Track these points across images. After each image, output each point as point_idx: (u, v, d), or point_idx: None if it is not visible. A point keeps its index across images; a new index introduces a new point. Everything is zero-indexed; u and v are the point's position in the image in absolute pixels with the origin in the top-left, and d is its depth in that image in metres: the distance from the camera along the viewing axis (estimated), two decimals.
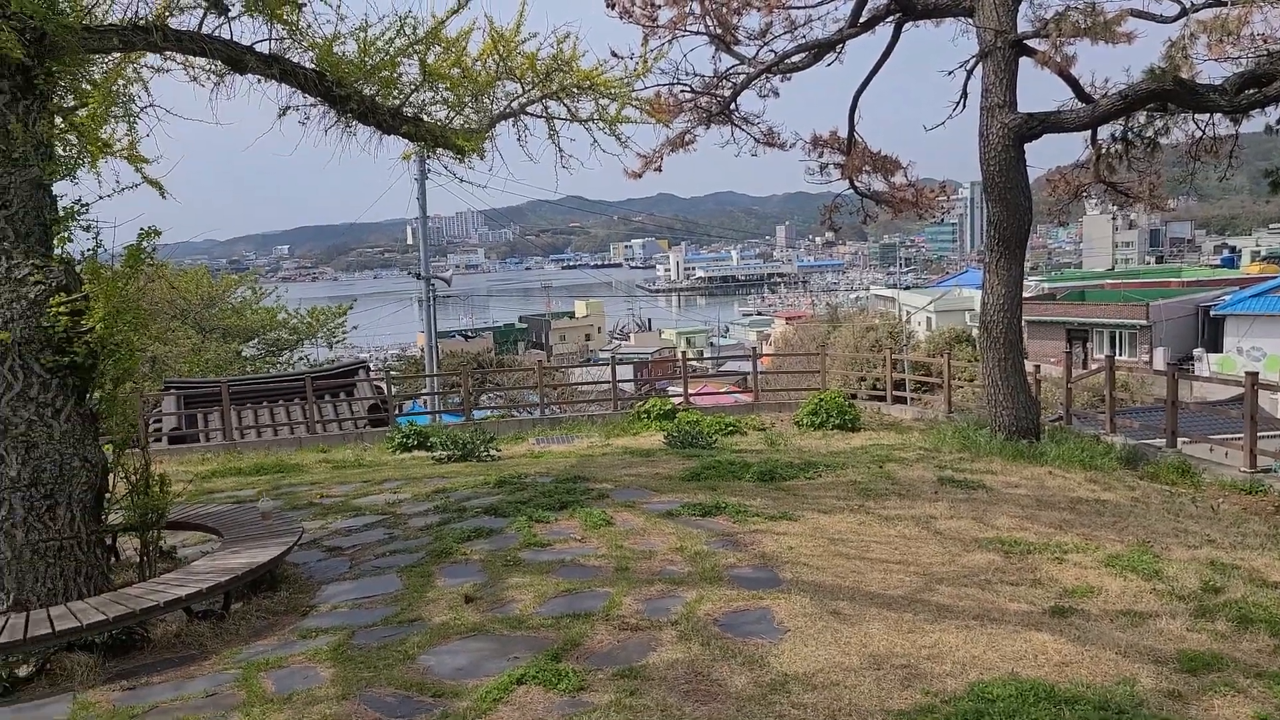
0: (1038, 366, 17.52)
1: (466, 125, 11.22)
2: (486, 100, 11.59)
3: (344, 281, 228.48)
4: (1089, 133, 14.70)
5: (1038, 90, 14.98)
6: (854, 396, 21.17)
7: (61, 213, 7.07)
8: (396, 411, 23.25)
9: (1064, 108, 13.63)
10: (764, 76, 15.78)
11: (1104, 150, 15.16)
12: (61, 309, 6.60)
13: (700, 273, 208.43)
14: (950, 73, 14.66)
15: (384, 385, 23.99)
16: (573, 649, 5.45)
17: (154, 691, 5.40)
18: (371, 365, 31.32)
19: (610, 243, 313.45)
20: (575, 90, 11.41)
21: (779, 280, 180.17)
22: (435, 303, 27.83)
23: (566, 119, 11.58)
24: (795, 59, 15.57)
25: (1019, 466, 11.45)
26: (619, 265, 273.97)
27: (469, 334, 78.36)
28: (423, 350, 55.72)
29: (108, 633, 5.91)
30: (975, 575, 6.86)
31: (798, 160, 16.92)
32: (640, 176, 18.47)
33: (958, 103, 14.95)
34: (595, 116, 11.47)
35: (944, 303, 45.49)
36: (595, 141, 11.54)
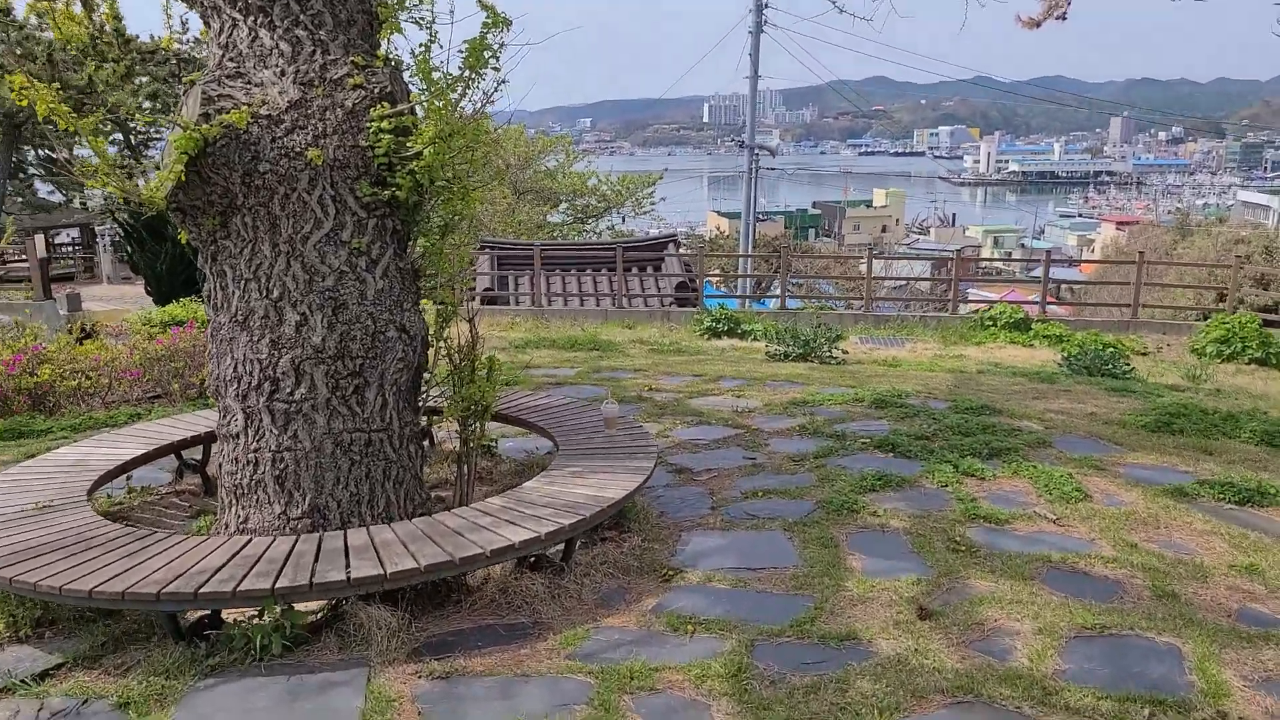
0: None
1: None
2: None
3: (639, 157, 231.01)
4: None
5: None
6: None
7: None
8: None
9: None
10: None
11: None
12: (384, 124, 4.84)
13: (1014, 166, 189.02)
14: None
15: (692, 264, 22.31)
16: None
17: (472, 693, 3.63)
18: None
19: (914, 129, 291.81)
20: None
21: (1108, 179, 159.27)
22: (757, 176, 25.35)
23: None
24: None
25: None
26: (921, 154, 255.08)
27: (760, 217, 75.39)
28: (717, 229, 53.90)
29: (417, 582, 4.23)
30: None
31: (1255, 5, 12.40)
32: (1039, 25, 15.03)
33: None
34: None
35: None
36: None
